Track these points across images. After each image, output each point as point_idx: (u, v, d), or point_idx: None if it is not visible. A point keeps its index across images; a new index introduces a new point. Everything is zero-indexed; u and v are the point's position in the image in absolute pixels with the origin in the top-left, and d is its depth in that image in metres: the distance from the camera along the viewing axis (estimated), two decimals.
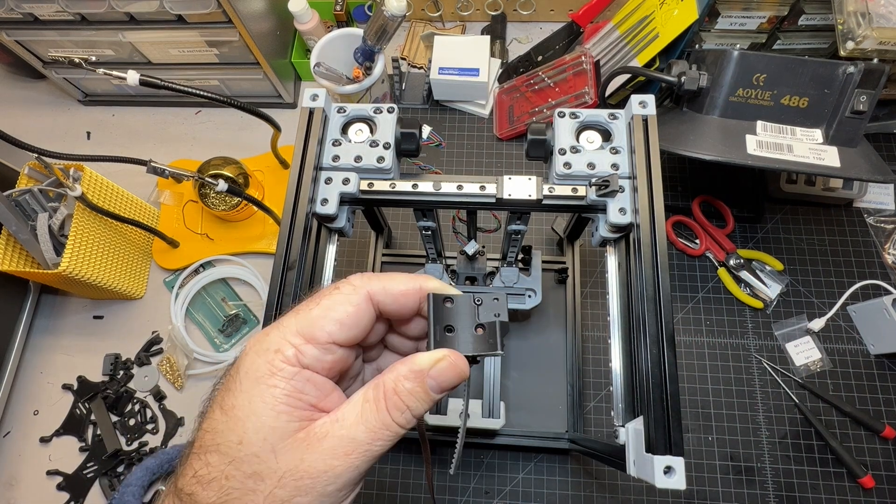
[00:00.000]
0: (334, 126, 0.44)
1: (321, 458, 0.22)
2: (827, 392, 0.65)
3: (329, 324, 0.24)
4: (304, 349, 0.23)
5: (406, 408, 0.23)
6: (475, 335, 0.26)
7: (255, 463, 0.21)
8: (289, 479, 0.21)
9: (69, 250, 0.64)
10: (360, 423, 0.22)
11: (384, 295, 0.25)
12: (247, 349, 0.24)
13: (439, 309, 0.26)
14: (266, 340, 0.23)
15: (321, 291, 0.25)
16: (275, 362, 0.23)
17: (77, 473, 0.71)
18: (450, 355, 0.24)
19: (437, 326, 0.25)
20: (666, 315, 0.37)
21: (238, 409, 0.22)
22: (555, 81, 0.78)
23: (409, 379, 0.23)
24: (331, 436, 0.22)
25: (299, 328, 0.23)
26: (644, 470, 0.35)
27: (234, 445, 0.22)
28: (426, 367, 0.23)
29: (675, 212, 0.74)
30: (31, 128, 0.91)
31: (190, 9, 0.70)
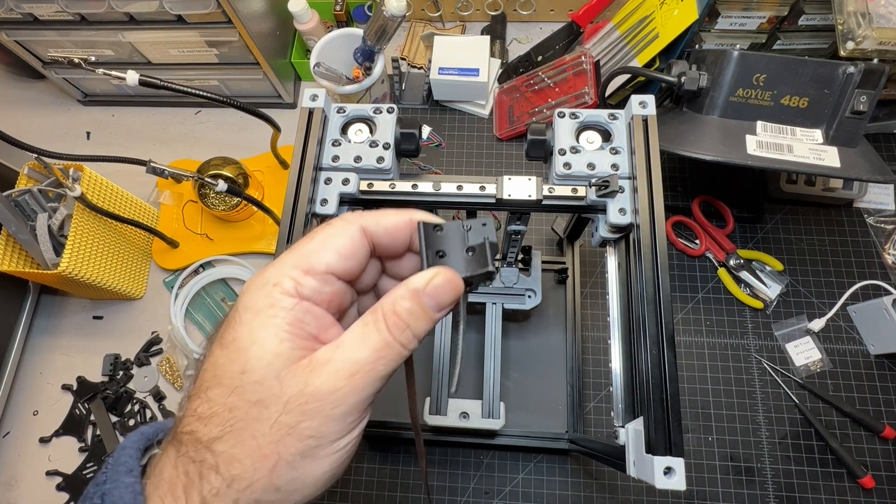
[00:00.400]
0: (334, 126, 0.44)
1: (326, 381, 0.21)
2: (827, 392, 0.65)
3: (326, 254, 0.24)
4: (303, 280, 0.23)
5: (406, 326, 0.23)
6: (466, 258, 0.26)
7: (260, 390, 0.21)
8: (294, 404, 0.21)
9: (69, 250, 0.64)
10: (362, 345, 0.22)
11: (377, 227, 0.25)
12: (245, 287, 0.24)
13: (430, 236, 0.26)
14: (263, 276, 0.23)
15: (312, 230, 0.25)
16: (273, 294, 0.22)
17: (77, 474, 0.71)
18: (444, 271, 0.24)
19: (428, 251, 0.25)
20: (666, 315, 0.37)
21: (239, 341, 0.22)
22: (555, 81, 0.78)
23: (407, 298, 0.23)
24: (334, 360, 0.22)
25: (296, 261, 0.23)
26: (644, 470, 0.35)
27: (237, 375, 0.21)
28: (422, 285, 0.23)
29: (675, 212, 0.74)
30: (31, 128, 0.91)
31: (190, 9, 0.70)
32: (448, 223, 0.27)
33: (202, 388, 0.22)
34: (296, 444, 0.21)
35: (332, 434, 0.21)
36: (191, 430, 0.21)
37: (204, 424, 0.21)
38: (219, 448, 0.21)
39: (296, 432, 0.21)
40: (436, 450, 0.66)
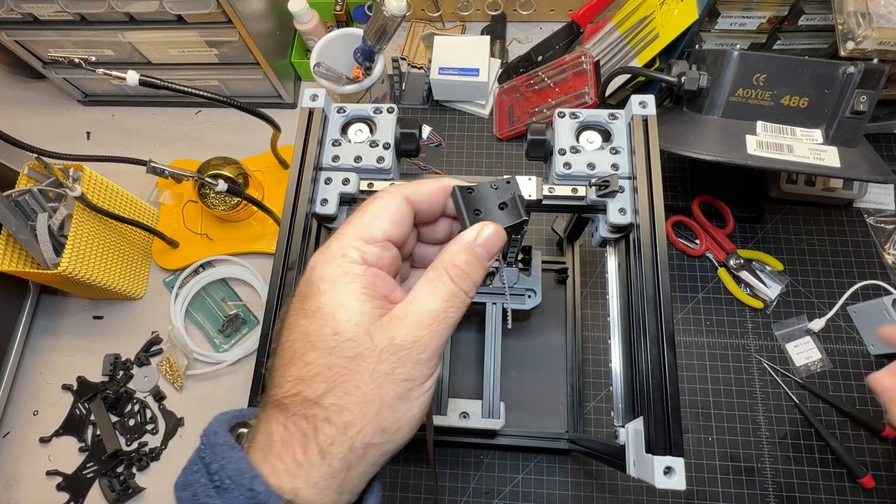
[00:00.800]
0: (334, 126, 0.44)
1: (409, 331, 0.24)
2: (827, 392, 0.65)
3: (382, 223, 0.26)
4: (366, 249, 0.26)
5: (467, 275, 0.26)
6: (500, 212, 0.29)
7: (354, 347, 0.23)
8: (387, 354, 0.23)
9: (69, 250, 0.64)
10: (432, 298, 0.25)
11: (417, 195, 0.28)
12: (313, 263, 0.26)
13: (465, 198, 0.29)
14: (330, 250, 0.26)
15: (362, 204, 0.28)
16: (344, 264, 0.25)
17: (77, 474, 0.71)
18: (488, 224, 0.27)
19: (467, 211, 0.28)
20: (666, 315, 0.37)
21: (325, 307, 0.24)
22: (555, 81, 0.78)
23: (462, 251, 0.26)
24: (411, 313, 0.24)
25: (357, 233, 0.26)
26: (644, 470, 0.35)
27: (331, 337, 0.24)
28: (472, 239, 0.26)
29: (675, 212, 0.74)
30: (31, 128, 0.91)
31: (190, 9, 0.70)
32: (478, 185, 0.30)
33: (296, 356, 0.24)
34: (394, 388, 0.24)
35: (420, 377, 0.24)
36: (296, 393, 0.23)
37: (308, 385, 0.23)
38: (327, 401, 0.23)
39: (392, 378, 0.23)
40: (436, 450, 0.66)
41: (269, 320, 0.39)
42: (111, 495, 0.68)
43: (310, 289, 0.25)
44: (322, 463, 0.23)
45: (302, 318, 0.25)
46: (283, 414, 0.24)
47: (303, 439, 0.23)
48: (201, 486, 0.22)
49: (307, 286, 0.25)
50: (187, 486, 0.23)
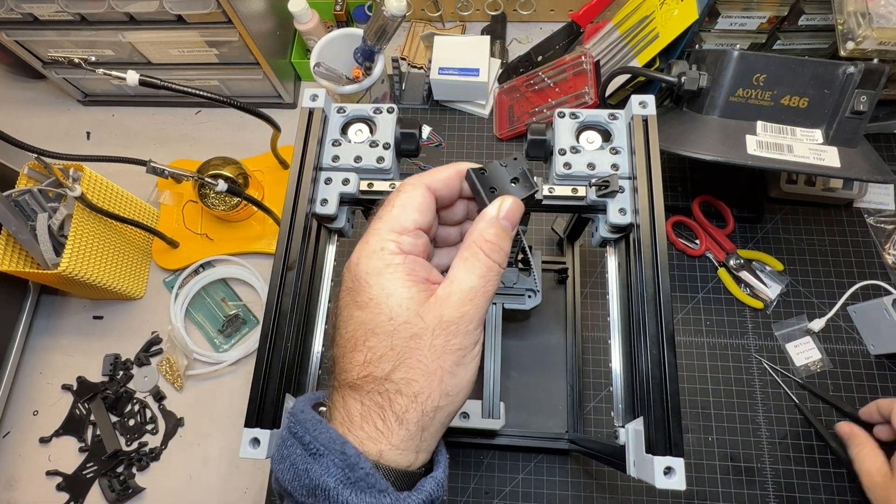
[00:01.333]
0: (334, 126, 0.44)
1: (455, 308, 0.27)
2: (827, 392, 0.65)
3: (411, 213, 0.29)
4: (401, 240, 0.29)
5: (497, 247, 0.29)
6: (513, 186, 0.32)
7: (409, 328, 0.27)
8: (439, 330, 0.27)
9: (69, 250, 0.64)
10: (471, 275, 0.28)
11: (436, 182, 0.31)
12: (355, 259, 0.29)
13: (480, 178, 0.32)
14: (369, 246, 0.29)
15: (388, 199, 0.30)
16: (385, 257, 0.28)
17: (77, 474, 0.71)
18: (506, 198, 0.30)
19: (484, 190, 0.31)
20: (666, 315, 0.37)
21: (375, 298, 0.27)
22: (555, 81, 0.78)
23: (489, 227, 0.29)
24: (454, 292, 0.27)
25: (390, 226, 0.29)
26: (644, 470, 0.35)
27: (386, 322, 0.27)
28: (495, 213, 0.29)
29: (675, 212, 0.74)
30: (31, 128, 0.91)
31: (190, 9, 0.70)
32: (489, 164, 0.32)
33: (359, 343, 0.27)
34: (450, 357, 0.27)
35: (470, 345, 0.28)
36: (366, 374, 0.27)
37: (375, 366, 0.26)
38: (396, 376, 0.26)
39: (447, 349, 0.27)
40: None
41: (269, 320, 0.39)
42: (111, 495, 0.68)
43: (358, 283, 0.28)
44: (400, 428, 0.26)
45: (356, 310, 0.28)
46: (358, 393, 0.27)
47: (380, 411, 0.26)
48: (297, 455, 0.25)
49: (355, 281, 0.28)
50: (283, 458, 0.26)
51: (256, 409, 0.36)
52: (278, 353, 0.38)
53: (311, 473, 0.25)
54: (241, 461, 0.70)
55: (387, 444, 0.26)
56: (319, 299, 0.45)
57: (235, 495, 0.69)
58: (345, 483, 0.24)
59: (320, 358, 0.44)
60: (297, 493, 0.25)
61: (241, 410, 0.37)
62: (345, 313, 0.28)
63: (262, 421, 0.36)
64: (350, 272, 0.29)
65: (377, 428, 0.26)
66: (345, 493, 0.24)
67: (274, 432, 0.35)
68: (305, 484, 0.25)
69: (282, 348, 0.38)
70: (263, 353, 0.38)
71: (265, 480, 0.67)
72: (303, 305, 0.42)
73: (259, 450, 0.34)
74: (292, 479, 0.25)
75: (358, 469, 0.24)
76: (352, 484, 0.24)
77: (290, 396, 0.38)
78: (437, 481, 0.27)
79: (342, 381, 0.28)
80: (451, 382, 0.27)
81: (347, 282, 0.29)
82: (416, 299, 0.27)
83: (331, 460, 0.25)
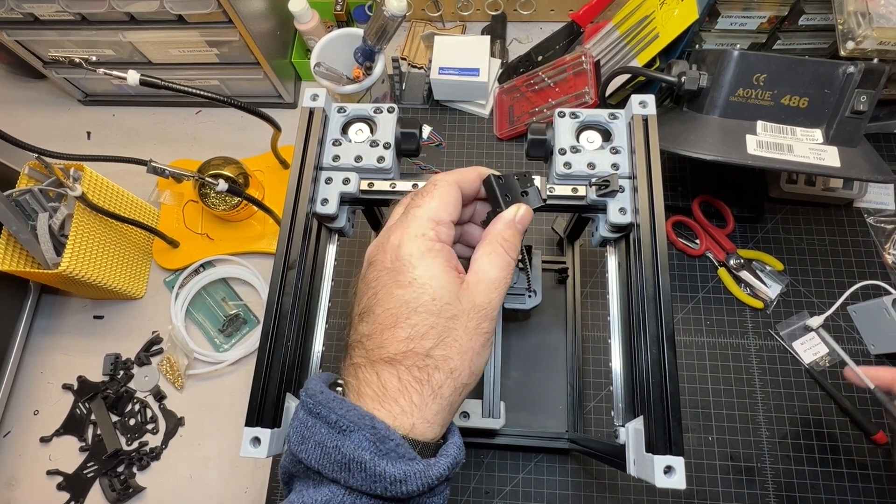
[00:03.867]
0: (334, 126, 0.44)
1: (483, 296, 0.30)
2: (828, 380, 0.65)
3: (448, 207, 0.32)
4: (438, 229, 0.31)
5: (513, 246, 0.33)
6: (523, 198, 0.36)
7: (449, 309, 0.29)
8: (472, 313, 0.30)
9: (69, 250, 0.64)
10: (494, 267, 0.31)
11: (465, 182, 0.34)
12: (397, 241, 0.31)
13: (498, 184, 0.36)
14: (410, 230, 0.31)
15: (423, 190, 0.33)
16: (426, 242, 0.30)
17: (77, 473, 0.71)
18: (522, 205, 0.35)
19: (500, 195, 0.35)
20: (666, 315, 0.37)
21: (419, 279, 0.29)
22: (555, 81, 0.78)
23: (507, 228, 0.33)
24: (481, 280, 0.31)
25: (430, 216, 0.32)
26: (644, 470, 0.35)
27: (430, 302, 0.29)
28: (511, 217, 0.34)
29: (675, 212, 0.74)
30: (32, 128, 0.91)
31: (190, 9, 0.70)
32: (505, 174, 0.37)
33: (400, 319, 0.29)
34: (479, 339, 0.30)
35: (492, 330, 0.31)
36: (407, 350, 0.28)
37: (417, 342, 0.29)
38: (436, 353, 0.29)
39: (478, 332, 0.30)
40: None
41: (269, 320, 0.39)
42: (111, 495, 0.69)
43: (400, 264, 0.30)
44: (434, 402, 0.28)
45: (397, 289, 0.29)
46: (395, 368, 0.28)
47: (417, 385, 0.28)
48: (324, 434, 0.26)
49: (396, 262, 0.30)
50: (306, 439, 0.27)
51: (257, 408, 0.36)
52: (279, 352, 0.38)
53: (344, 449, 0.26)
54: (242, 460, 0.70)
55: (419, 418, 0.28)
56: (320, 299, 0.45)
57: (236, 494, 0.69)
58: (379, 454, 0.26)
59: (321, 357, 0.44)
60: (326, 469, 0.26)
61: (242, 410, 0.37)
62: (383, 292, 0.30)
63: (263, 420, 0.36)
64: (388, 253, 0.31)
65: (412, 402, 0.28)
66: (381, 464, 0.25)
67: (275, 431, 0.35)
68: (337, 460, 0.26)
69: (282, 348, 0.38)
70: (264, 353, 0.38)
71: (266, 480, 0.67)
72: (303, 305, 0.42)
73: (259, 449, 0.34)
74: (320, 456, 0.26)
75: (388, 441, 0.26)
76: (384, 455, 0.26)
77: (290, 396, 0.38)
78: (458, 446, 0.29)
79: (377, 355, 0.29)
80: (477, 362, 0.30)
81: (385, 262, 0.31)
82: (454, 284, 0.30)
83: (362, 436, 0.26)
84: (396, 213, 0.35)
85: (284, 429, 0.37)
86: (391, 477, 0.25)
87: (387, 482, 0.25)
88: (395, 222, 0.33)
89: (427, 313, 0.29)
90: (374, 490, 0.25)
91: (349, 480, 0.26)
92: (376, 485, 0.25)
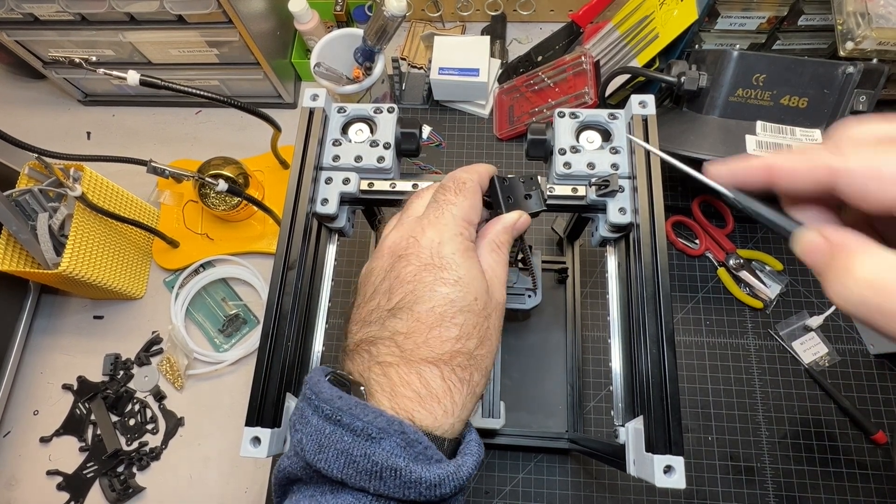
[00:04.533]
0: (334, 126, 0.44)
1: (500, 292, 0.32)
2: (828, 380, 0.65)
3: (476, 209, 0.34)
4: (469, 231, 0.32)
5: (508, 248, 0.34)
6: (526, 201, 0.38)
7: (488, 307, 0.31)
8: (499, 310, 0.32)
9: (69, 250, 0.64)
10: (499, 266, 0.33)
11: (482, 181, 0.35)
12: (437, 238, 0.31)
13: (501, 186, 0.37)
14: (449, 229, 0.31)
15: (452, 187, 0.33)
16: (464, 242, 0.31)
17: (77, 473, 0.71)
18: (523, 213, 0.36)
19: (503, 197, 0.37)
20: (666, 315, 0.37)
21: (463, 278, 0.30)
22: (555, 81, 0.79)
23: (504, 232, 0.35)
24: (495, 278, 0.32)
25: (463, 216, 0.32)
26: (644, 469, 0.35)
27: (473, 302, 0.30)
28: (511, 223, 0.35)
29: (675, 212, 0.74)
30: (32, 128, 0.91)
31: (190, 9, 0.70)
32: (511, 177, 0.38)
33: (446, 318, 0.29)
34: (498, 335, 0.32)
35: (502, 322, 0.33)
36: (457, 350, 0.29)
37: (464, 343, 0.29)
38: (478, 353, 0.30)
39: (500, 328, 0.32)
40: None
41: (269, 320, 0.39)
42: (111, 495, 0.69)
43: (443, 261, 0.30)
44: (471, 401, 0.29)
45: (442, 286, 0.29)
46: (438, 367, 0.28)
47: (460, 385, 0.29)
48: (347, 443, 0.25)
49: (438, 258, 0.30)
50: (324, 447, 0.26)
51: (257, 408, 0.36)
52: (279, 352, 0.38)
53: (374, 458, 0.25)
54: (242, 460, 0.70)
55: (458, 418, 0.28)
56: (320, 299, 0.45)
57: (236, 495, 0.69)
58: (412, 460, 0.25)
59: (321, 357, 0.44)
60: (352, 479, 0.25)
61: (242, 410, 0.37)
62: (425, 289, 0.30)
63: (263, 420, 0.36)
64: (426, 249, 0.31)
65: (454, 401, 0.28)
66: (417, 470, 0.25)
67: (275, 431, 0.35)
68: (366, 469, 0.25)
69: (282, 348, 0.38)
70: (264, 353, 0.38)
71: (265, 480, 0.67)
72: (303, 305, 0.42)
73: (260, 449, 0.35)
74: (345, 465, 0.25)
75: (417, 445, 0.25)
76: (416, 460, 0.25)
77: (290, 396, 0.38)
78: (478, 442, 0.29)
79: (418, 355, 0.28)
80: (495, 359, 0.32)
81: (423, 258, 0.30)
82: (485, 284, 0.31)
83: (393, 442, 0.25)
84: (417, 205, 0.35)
85: (284, 428, 0.37)
86: (427, 482, 0.25)
87: (422, 487, 0.25)
88: (423, 216, 0.33)
89: (471, 313, 0.29)
90: (408, 496, 0.25)
91: (380, 488, 0.25)
92: (410, 490, 0.25)
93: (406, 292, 0.30)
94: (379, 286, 0.31)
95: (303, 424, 0.27)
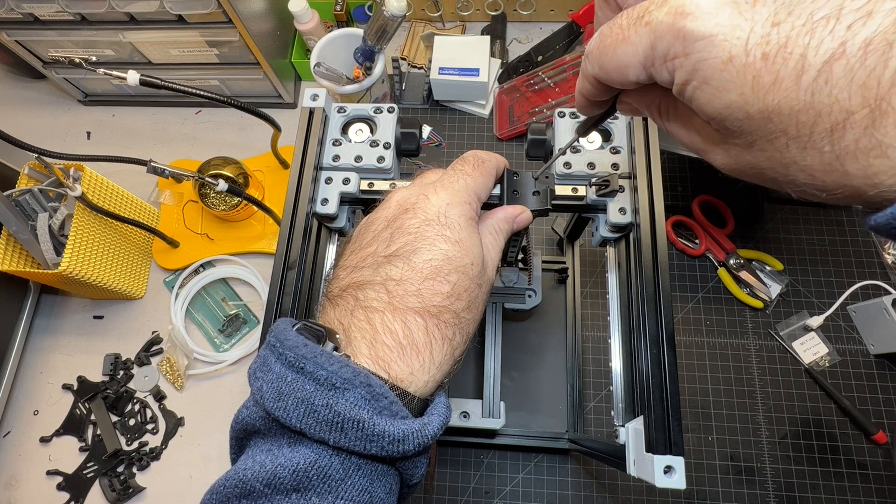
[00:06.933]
0: (334, 126, 0.44)
1: (492, 270, 0.33)
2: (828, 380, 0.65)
3: (488, 189, 0.34)
4: (476, 205, 0.33)
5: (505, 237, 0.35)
6: (532, 198, 0.38)
7: (482, 275, 0.31)
8: (488, 285, 0.32)
9: (69, 250, 0.64)
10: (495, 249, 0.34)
11: (498, 168, 0.36)
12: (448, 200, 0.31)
13: (510, 179, 0.38)
14: (459, 195, 0.32)
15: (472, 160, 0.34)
16: (470, 211, 0.32)
17: (77, 473, 0.71)
18: (526, 210, 0.37)
19: (509, 190, 0.38)
20: (666, 315, 0.37)
21: (464, 241, 0.30)
22: (555, 81, 0.79)
23: (504, 222, 0.35)
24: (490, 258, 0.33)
25: (474, 189, 0.33)
26: (644, 469, 0.35)
27: (469, 266, 0.30)
28: (512, 214, 0.36)
29: (675, 212, 0.74)
30: (32, 128, 0.91)
31: (190, 9, 0.70)
32: (522, 172, 0.38)
33: (441, 274, 0.29)
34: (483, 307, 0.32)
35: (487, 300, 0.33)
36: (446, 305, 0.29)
37: (454, 301, 0.29)
38: (465, 315, 0.30)
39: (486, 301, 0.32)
40: (436, 449, 0.66)
41: (269, 320, 0.39)
42: (111, 495, 0.69)
43: (449, 221, 0.30)
44: (447, 362, 0.29)
45: (444, 243, 0.29)
46: (424, 319, 0.28)
47: (442, 341, 0.28)
48: (309, 391, 0.25)
49: (445, 218, 0.30)
50: (284, 395, 0.25)
51: None
52: None
53: (337, 408, 0.24)
54: None
55: (431, 377, 0.28)
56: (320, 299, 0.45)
57: None
58: (375, 413, 0.24)
59: None
60: (311, 429, 0.24)
61: None
62: (425, 242, 0.29)
63: None
64: (435, 207, 0.31)
65: (432, 358, 0.28)
66: (380, 423, 0.24)
67: None
68: (327, 419, 0.24)
69: None
70: None
71: None
72: (303, 305, 0.42)
73: None
74: (304, 415, 0.24)
75: (382, 399, 0.25)
76: (379, 413, 0.25)
77: None
78: (445, 404, 0.29)
79: (406, 303, 0.28)
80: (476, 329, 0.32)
81: (430, 214, 0.30)
82: (483, 254, 0.32)
83: (357, 393, 0.24)
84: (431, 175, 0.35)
85: None
86: (391, 436, 0.24)
87: (385, 441, 0.24)
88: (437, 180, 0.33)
89: (465, 276, 0.29)
90: (369, 450, 0.24)
91: (340, 440, 0.24)
92: (372, 444, 0.24)
93: (406, 242, 0.29)
94: (379, 234, 0.31)
95: (264, 372, 0.27)
